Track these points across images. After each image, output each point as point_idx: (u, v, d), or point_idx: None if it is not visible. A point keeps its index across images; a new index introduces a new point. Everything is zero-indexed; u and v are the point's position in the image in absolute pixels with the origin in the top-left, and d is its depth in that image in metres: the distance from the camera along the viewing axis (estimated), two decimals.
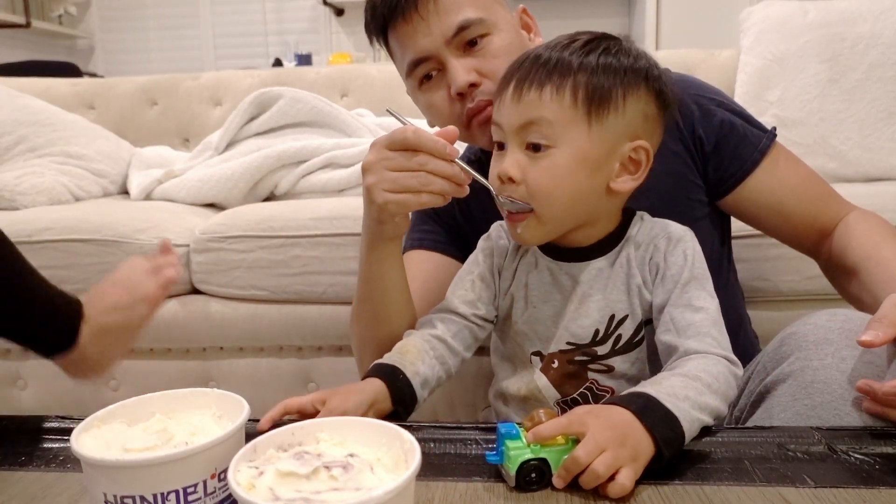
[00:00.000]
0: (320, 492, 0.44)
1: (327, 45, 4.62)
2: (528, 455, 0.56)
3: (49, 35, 4.52)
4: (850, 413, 0.67)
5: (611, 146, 0.74)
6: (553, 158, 0.73)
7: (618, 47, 0.76)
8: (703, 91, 0.95)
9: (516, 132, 0.74)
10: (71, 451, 0.49)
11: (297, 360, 1.50)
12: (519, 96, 0.73)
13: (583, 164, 0.73)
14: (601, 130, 0.73)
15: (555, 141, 0.72)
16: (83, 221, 1.47)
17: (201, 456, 0.49)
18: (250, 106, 1.82)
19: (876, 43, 1.68)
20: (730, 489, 0.56)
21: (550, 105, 0.72)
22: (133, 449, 0.50)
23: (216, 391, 0.57)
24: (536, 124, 0.73)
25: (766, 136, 0.94)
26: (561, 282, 0.80)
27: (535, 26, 0.98)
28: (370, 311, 0.86)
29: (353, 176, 1.66)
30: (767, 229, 0.98)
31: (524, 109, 0.73)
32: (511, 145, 0.75)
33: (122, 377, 1.55)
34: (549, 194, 0.73)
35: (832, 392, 0.68)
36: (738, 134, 0.93)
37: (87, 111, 2.21)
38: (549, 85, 0.73)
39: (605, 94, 0.72)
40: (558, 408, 0.80)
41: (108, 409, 0.55)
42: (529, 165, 0.73)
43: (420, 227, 1.02)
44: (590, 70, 0.73)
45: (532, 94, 0.73)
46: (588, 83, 0.72)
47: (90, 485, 0.49)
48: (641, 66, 0.75)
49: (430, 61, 0.89)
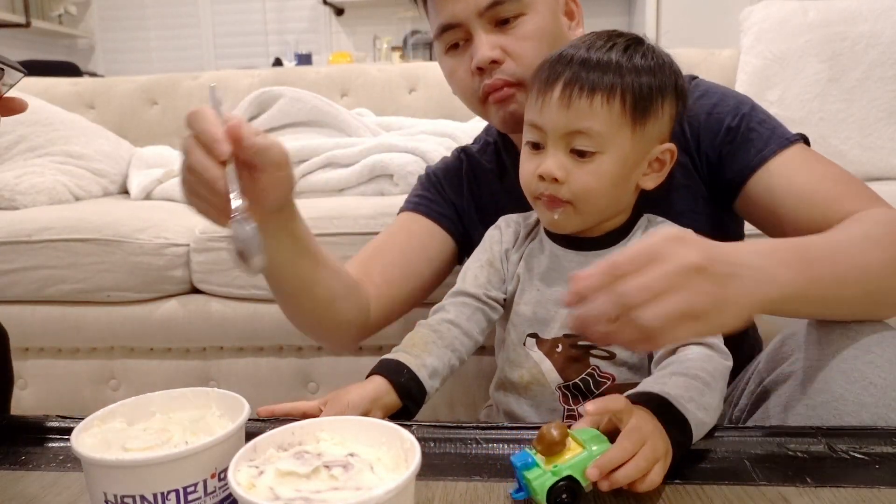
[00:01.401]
0: (320, 491, 0.44)
1: (327, 44, 4.63)
2: (553, 479, 0.53)
3: (49, 35, 4.52)
4: (852, 413, 0.67)
5: (647, 149, 0.76)
6: (598, 163, 0.74)
7: (652, 51, 0.77)
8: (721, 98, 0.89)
9: (561, 137, 0.74)
10: (71, 450, 0.49)
11: (296, 359, 1.50)
12: (568, 102, 0.73)
13: (623, 167, 0.75)
14: (642, 135, 0.75)
15: (602, 147, 0.73)
16: (83, 221, 1.47)
17: (201, 455, 0.49)
18: (250, 105, 1.82)
19: (876, 42, 1.68)
20: (730, 489, 0.56)
21: (601, 113, 0.72)
22: (133, 448, 0.50)
23: (216, 390, 0.57)
24: (585, 133, 0.73)
25: (777, 140, 0.85)
26: (566, 268, 0.81)
27: (579, 15, 0.95)
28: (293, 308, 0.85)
29: (353, 175, 1.66)
30: (768, 231, 0.92)
31: (573, 117, 0.73)
32: (553, 148, 0.74)
33: (122, 377, 1.55)
34: (592, 195, 0.75)
35: (832, 392, 0.68)
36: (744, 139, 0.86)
37: (87, 111, 2.21)
38: (600, 92, 0.72)
39: (649, 101, 0.74)
40: (560, 392, 0.80)
41: (108, 409, 0.55)
42: (574, 168, 0.74)
43: (422, 192, 1.02)
44: (636, 75, 0.73)
45: (583, 101, 0.72)
46: (635, 89, 0.73)
47: (90, 484, 0.49)
48: (673, 68, 0.77)
49: (458, 29, 0.87)
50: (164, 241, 1.44)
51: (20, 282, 1.45)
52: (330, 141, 1.75)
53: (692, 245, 0.54)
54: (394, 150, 1.65)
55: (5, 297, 1.48)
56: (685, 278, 0.52)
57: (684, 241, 0.54)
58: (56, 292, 1.46)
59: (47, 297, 1.47)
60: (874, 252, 0.67)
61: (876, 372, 0.68)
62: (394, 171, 1.62)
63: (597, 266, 0.53)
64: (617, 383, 0.78)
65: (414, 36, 4.38)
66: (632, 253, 0.53)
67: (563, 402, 0.80)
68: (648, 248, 0.53)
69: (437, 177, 1.03)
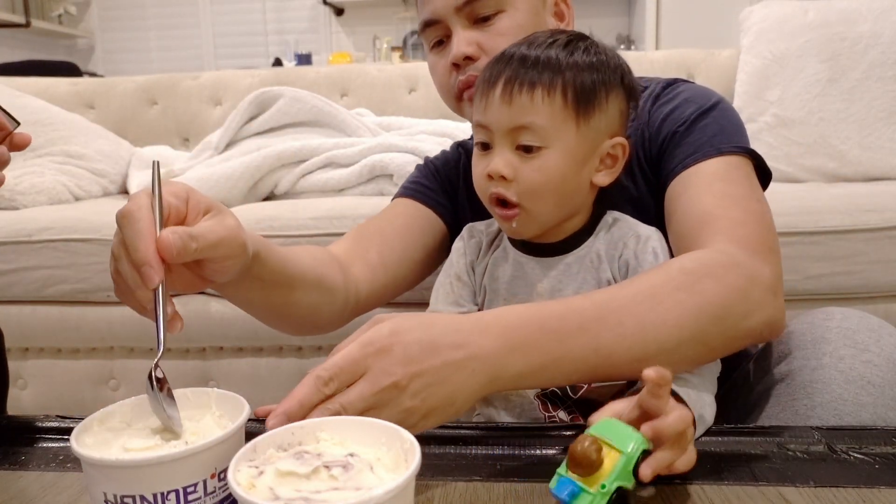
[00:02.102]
0: (320, 491, 0.44)
1: (327, 44, 4.63)
2: (605, 499, 0.50)
3: (49, 35, 4.52)
4: (851, 413, 0.67)
5: (595, 143, 0.75)
6: (545, 159, 0.73)
7: (595, 46, 0.76)
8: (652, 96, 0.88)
9: (506, 134, 0.74)
10: (70, 450, 0.49)
11: (296, 360, 1.50)
12: (509, 99, 0.73)
13: (571, 162, 0.74)
14: (587, 129, 0.74)
15: (546, 142, 0.73)
16: (83, 221, 1.47)
17: (201, 456, 0.49)
18: (250, 105, 1.82)
19: (876, 43, 1.69)
20: (730, 489, 0.56)
21: (542, 108, 0.72)
22: (132, 448, 0.50)
23: (216, 391, 0.57)
24: (528, 128, 0.72)
25: (705, 150, 0.80)
26: (530, 276, 0.80)
27: (570, 17, 0.95)
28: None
29: (353, 175, 1.66)
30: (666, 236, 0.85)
31: (515, 113, 0.73)
32: (500, 146, 0.74)
33: (122, 377, 1.55)
34: (541, 192, 0.74)
35: (832, 392, 0.68)
36: (678, 143, 0.83)
37: (87, 111, 2.21)
38: (540, 86, 0.72)
39: (591, 92, 0.73)
40: (538, 400, 0.80)
41: (107, 409, 0.55)
42: (521, 165, 0.73)
43: (420, 178, 1.02)
44: (577, 69, 0.73)
45: (523, 96, 0.72)
46: (576, 82, 0.72)
47: (90, 484, 0.49)
48: (618, 63, 0.77)
49: (439, 26, 0.88)
50: None
51: (20, 282, 1.45)
52: (330, 141, 1.75)
53: (393, 358, 0.53)
54: (394, 150, 1.66)
55: (5, 297, 1.48)
56: (387, 396, 0.52)
57: (387, 351, 0.53)
58: (56, 292, 1.46)
59: (47, 297, 1.47)
60: (654, 315, 0.62)
61: (874, 371, 0.68)
62: (394, 171, 1.62)
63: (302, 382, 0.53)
64: (594, 387, 0.78)
65: (414, 36, 4.38)
66: (338, 365, 0.53)
67: (543, 409, 0.80)
68: (353, 359, 0.53)
69: (436, 166, 1.03)
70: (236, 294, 0.74)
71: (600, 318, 0.61)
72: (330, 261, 0.86)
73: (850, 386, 0.67)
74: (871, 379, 0.67)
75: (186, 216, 0.58)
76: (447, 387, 0.55)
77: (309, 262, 0.81)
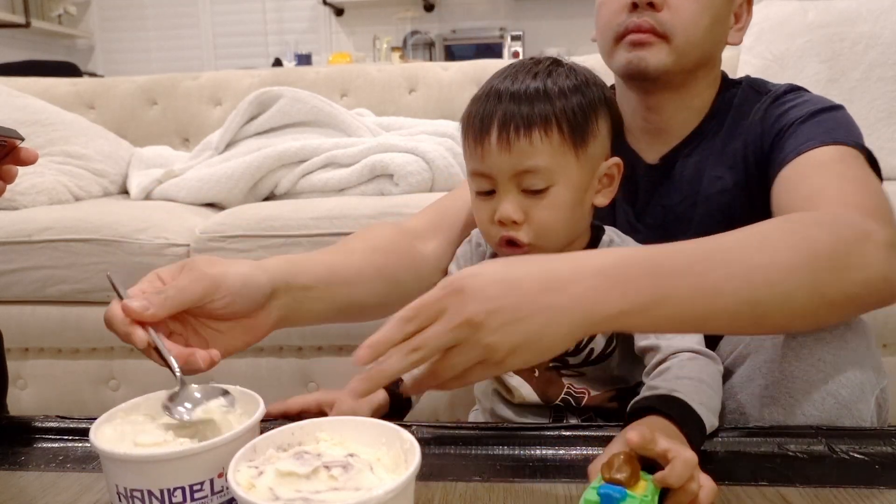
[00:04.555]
0: (320, 491, 0.44)
1: (327, 44, 4.63)
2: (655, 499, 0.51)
3: (49, 35, 4.52)
4: (801, 390, 0.67)
5: (594, 168, 0.76)
6: (553, 196, 0.73)
7: (573, 70, 0.76)
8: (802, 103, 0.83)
9: (510, 179, 0.72)
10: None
11: (296, 360, 1.50)
12: (507, 145, 0.71)
13: (576, 192, 0.74)
14: (586, 158, 0.74)
15: (552, 180, 0.72)
16: (83, 221, 1.47)
17: (207, 455, 0.49)
18: (250, 106, 1.82)
19: (876, 43, 1.68)
20: (730, 489, 0.56)
21: (543, 148, 0.71)
22: (143, 444, 0.51)
23: (238, 388, 0.58)
24: (532, 171, 0.72)
25: (825, 138, 0.77)
26: None
27: None
28: None
29: (353, 175, 1.66)
30: None
31: (516, 159, 0.71)
32: (504, 190, 0.73)
33: (122, 377, 1.55)
34: (554, 228, 0.74)
35: (783, 370, 0.69)
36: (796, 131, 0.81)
37: (87, 111, 2.21)
38: (536, 127, 0.71)
39: (584, 121, 0.73)
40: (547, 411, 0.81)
41: (132, 402, 0.56)
42: (530, 206, 0.73)
43: None
44: (565, 98, 0.72)
45: (521, 140, 0.71)
46: (568, 114, 0.72)
47: (106, 475, 0.51)
48: (597, 83, 0.77)
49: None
50: (164, 242, 1.44)
51: (20, 282, 1.45)
52: (330, 141, 1.75)
53: (467, 296, 0.52)
54: (394, 150, 1.66)
55: (5, 297, 1.48)
56: (463, 333, 0.52)
57: (463, 291, 0.53)
58: (56, 292, 1.46)
59: (47, 297, 1.47)
60: (763, 256, 0.57)
61: (825, 349, 0.67)
62: (394, 171, 1.62)
63: (387, 323, 0.54)
64: (593, 396, 0.79)
65: (414, 36, 4.37)
66: (417, 306, 0.53)
67: (553, 420, 0.81)
68: (432, 300, 0.53)
69: None
70: (299, 322, 0.75)
71: (707, 258, 0.57)
72: (396, 247, 0.84)
73: (800, 363, 0.68)
74: (822, 356, 0.67)
75: None
76: (530, 324, 0.52)
77: (364, 254, 0.80)
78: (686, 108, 0.88)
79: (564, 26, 4.28)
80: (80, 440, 0.68)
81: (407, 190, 1.61)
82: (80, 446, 0.67)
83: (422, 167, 1.62)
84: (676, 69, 0.81)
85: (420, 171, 1.62)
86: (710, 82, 0.88)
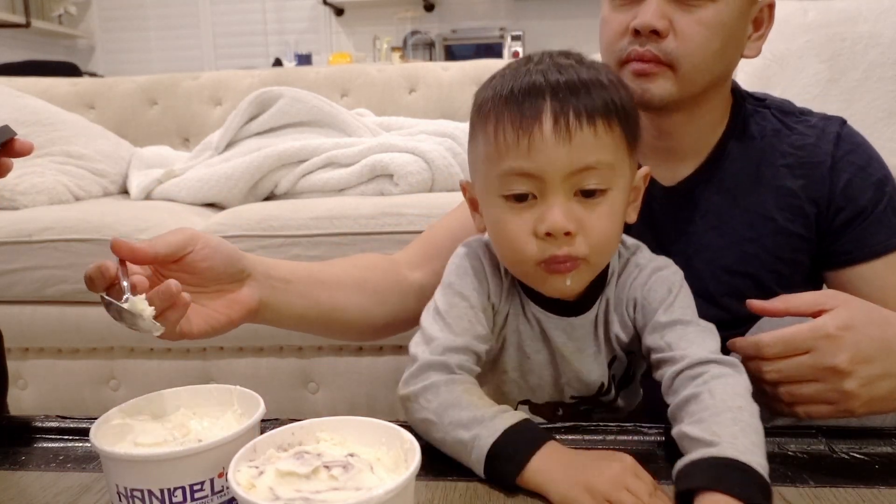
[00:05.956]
0: (320, 491, 0.44)
1: (327, 44, 4.63)
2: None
3: (49, 35, 4.52)
4: None
5: (633, 175, 0.66)
6: (610, 203, 0.62)
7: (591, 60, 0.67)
8: (868, 161, 0.83)
9: (564, 180, 0.60)
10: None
11: (297, 360, 1.50)
12: (568, 136, 0.59)
13: (626, 201, 0.65)
14: (634, 160, 0.65)
15: (611, 182, 0.61)
16: (83, 221, 1.47)
17: (207, 455, 0.49)
18: (250, 106, 1.82)
19: (876, 43, 1.68)
20: None
21: (607, 143, 0.60)
22: (143, 443, 0.51)
23: (239, 388, 0.58)
24: (594, 169, 0.60)
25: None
26: (551, 335, 0.71)
27: None
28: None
29: (353, 175, 1.66)
30: None
31: (577, 153, 0.59)
32: (554, 195, 0.60)
33: (122, 377, 1.55)
34: (612, 244, 0.65)
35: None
36: (877, 217, 0.80)
37: (87, 111, 2.21)
38: (599, 116, 0.60)
39: (634, 113, 0.64)
40: None
41: (132, 402, 0.56)
42: (584, 214, 0.61)
43: None
44: (614, 88, 0.62)
45: (585, 131, 0.59)
46: (626, 106, 0.63)
47: (106, 475, 0.51)
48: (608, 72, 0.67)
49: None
50: None
51: (20, 282, 1.45)
52: (330, 141, 1.75)
53: (842, 345, 0.58)
54: (394, 150, 1.66)
55: (5, 297, 1.48)
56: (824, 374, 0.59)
57: (838, 339, 0.59)
58: (56, 292, 1.46)
59: (47, 297, 1.47)
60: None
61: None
62: (394, 171, 1.62)
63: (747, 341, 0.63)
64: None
65: (414, 36, 4.38)
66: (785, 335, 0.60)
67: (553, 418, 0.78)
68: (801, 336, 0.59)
69: None
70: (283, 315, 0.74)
71: None
72: (379, 265, 0.85)
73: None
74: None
75: None
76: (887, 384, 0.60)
77: (345, 268, 0.81)
78: (698, 127, 0.82)
79: (564, 26, 4.28)
80: (80, 440, 0.68)
81: (407, 190, 1.61)
82: (80, 446, 0.67)
83: (422, 167, 1.62)
84: (685, 96, 0.75)
85: (420, 171, 1.62)
86: (723, 96, 0.83)
